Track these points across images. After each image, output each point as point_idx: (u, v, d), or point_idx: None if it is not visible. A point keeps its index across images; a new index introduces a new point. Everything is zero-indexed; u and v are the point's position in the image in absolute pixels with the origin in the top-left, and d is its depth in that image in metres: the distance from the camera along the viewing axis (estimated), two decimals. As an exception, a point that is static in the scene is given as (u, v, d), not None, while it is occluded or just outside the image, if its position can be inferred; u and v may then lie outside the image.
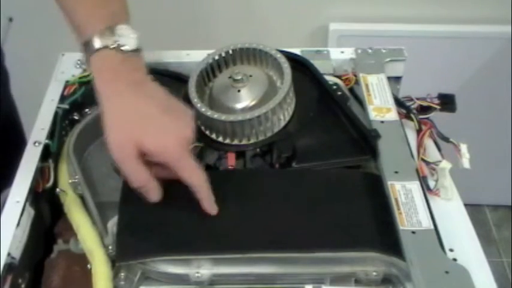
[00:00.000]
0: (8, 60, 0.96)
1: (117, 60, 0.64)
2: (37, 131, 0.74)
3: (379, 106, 0.77)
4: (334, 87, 0.80)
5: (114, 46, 0.64)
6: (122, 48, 0.64)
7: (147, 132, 0.62)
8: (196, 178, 0.63)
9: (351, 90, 0.82)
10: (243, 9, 1.41)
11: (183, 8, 1.41)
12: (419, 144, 0.72)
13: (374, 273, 0.62)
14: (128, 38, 0.65)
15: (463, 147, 0.70)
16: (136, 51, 0.66)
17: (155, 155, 0.62)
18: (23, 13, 1.34)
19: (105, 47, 0.64)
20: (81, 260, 0.63)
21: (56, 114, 0.77)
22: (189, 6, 1.41)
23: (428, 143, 0.73)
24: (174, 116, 0.64)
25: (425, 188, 0.68)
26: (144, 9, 1.40)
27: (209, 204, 0.64)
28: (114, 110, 0.63)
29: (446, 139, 0.73)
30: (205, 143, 0.74)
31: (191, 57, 0.85)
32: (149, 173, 0.63)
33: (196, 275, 0.61)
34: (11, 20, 1.39)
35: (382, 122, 0.74)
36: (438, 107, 0.77)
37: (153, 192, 0.64)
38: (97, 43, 0.64)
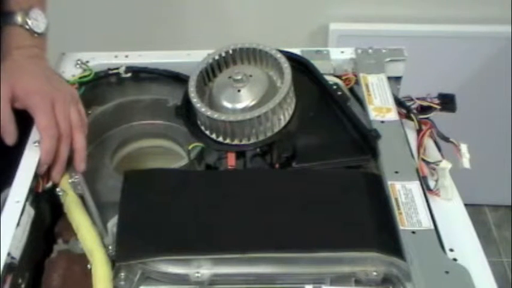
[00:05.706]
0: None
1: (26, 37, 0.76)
2: (37, 131, 0.73)
3: (379, 106, 0.77)
4: (334, 87, 0.80)
5: (27, 27, 0.76)
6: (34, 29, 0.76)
7: (23, 80, 0.72)
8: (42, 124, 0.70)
9: (351, 90, 0.82)
10: (243, 9, 1.41)
11: (182, 7, 1.41)
12: (420, 144, 0.72)
13: (374, 273, 0.62)
14: (39, 22, 0.77)
15: (463, 147, 0.70)
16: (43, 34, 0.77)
17: (21, 99, 0.71)
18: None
19: (20, 26, 0.76)
20: (81, 260, 0.63)
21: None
22: (188, 6, 1.41)
23: (428, 143, 0.73)
24: (53, 83, 0.73)
25: (426, 188, 0.67)
26: (146, 10, 1.40)
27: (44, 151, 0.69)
28: (6, 67, 0.73)
29: (446, 139, 0.73)
30: (205, 143, 0.74)
31: (191, 57, 0.85)
32: (13, 117, 0.70)
33: (196, 275, 0.61)
34: None
35: (382, 122, 0.74)
36: (438, 107, 0.77)
37: (10, 136, 0.70)
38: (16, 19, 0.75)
